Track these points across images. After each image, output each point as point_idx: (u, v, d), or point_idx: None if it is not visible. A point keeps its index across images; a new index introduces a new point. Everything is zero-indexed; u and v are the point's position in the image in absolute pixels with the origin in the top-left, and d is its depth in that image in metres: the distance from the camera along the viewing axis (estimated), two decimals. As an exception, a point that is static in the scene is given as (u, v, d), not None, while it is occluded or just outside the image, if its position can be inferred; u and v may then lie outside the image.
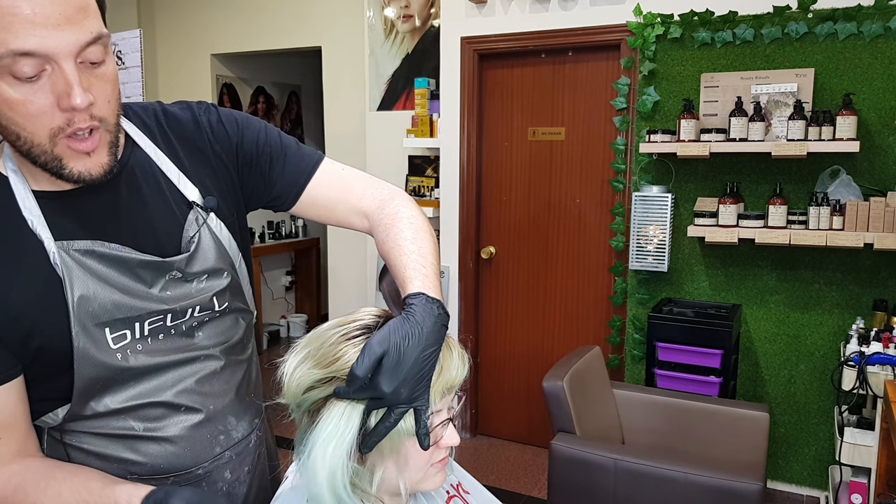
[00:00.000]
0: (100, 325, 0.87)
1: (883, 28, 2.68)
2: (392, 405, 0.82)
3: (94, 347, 0.87)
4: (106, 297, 0.87)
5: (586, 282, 3.45)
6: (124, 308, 0.88)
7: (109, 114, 0.83)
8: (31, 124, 0.78)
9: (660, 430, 2.57)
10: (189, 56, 4.78)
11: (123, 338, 0.89)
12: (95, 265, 0.87)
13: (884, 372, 2.32)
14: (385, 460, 0.90)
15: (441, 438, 0.92)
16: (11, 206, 0.84)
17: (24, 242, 0.84)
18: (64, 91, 0.76)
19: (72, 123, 0.79)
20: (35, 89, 0.76)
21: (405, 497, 0.94)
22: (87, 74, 0.79)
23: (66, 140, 0.80)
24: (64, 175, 0.82)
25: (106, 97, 0.82)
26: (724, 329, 2.74)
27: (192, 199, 0.96)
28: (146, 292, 0.91)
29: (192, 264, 0.95)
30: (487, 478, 3.29)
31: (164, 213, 0.94)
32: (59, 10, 0.74)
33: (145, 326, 0.91)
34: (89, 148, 0.81)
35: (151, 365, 0.92)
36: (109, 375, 0.89)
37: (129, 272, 0.89)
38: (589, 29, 3.20)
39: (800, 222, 2.73)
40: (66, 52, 0.75)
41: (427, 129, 3.66)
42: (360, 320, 0.94)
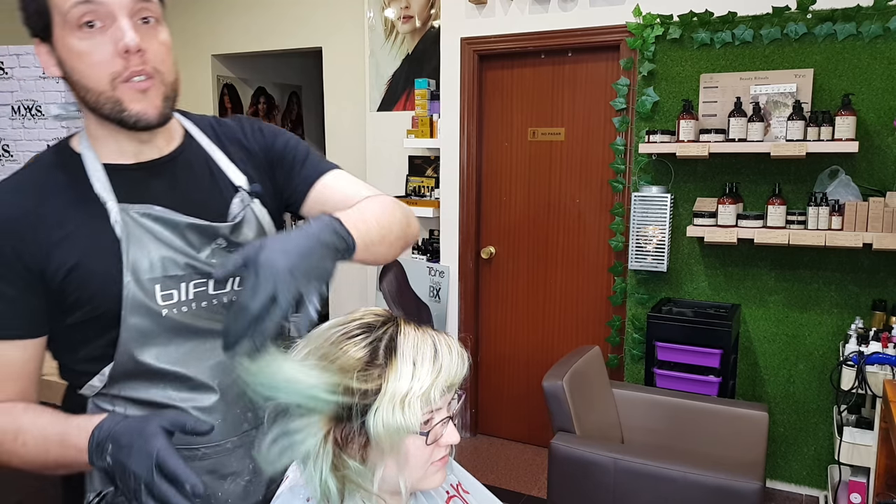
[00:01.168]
0: (150, 281, 0.96)
1: (882, 28, 2.68)
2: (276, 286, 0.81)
3: (144, 297, 0.95)
4: (157, 255, 0.96)
5: (586, 282, 3.46)
6: (172, 266, 0.97)
7: (164, 69, 0.95)
8: (95, 72, 0.90)
9: (659, 430, 2.58)
10: (190, 57, 4.78)
11: (171, 297, 0.97)
12: (150, 225, 0.97)
13: (883, 372, 2.33)
14: (385, 459, 0.90)
15: (441, 437, 0.93)
16: (82, 176, 0.97)
17: (90, 205, 0.95)
18: (119, 37, 0.89)
19: (128, 68, 0.90)
20: (97, 42, 0.89)
21: (406, 495, 0.94)
22: (141, 31, 0.91)
23: (123, 84, 0.91)
24: (124, 118, 0.93)
25: (159, 55, 0.94)
26: (724, 329, 2.74)
27: (239, 184, 1.06)
28: (194, 255, 1.00)
29: (236, 234, 1.03)
30: (487, 477, 3.30)
31: (214, 194, 1.04)
32: None
33: (190, 288, 0.99)
34: (144, 87, 0.92)
35: (193, 326, 1.00)
36: (154, 328, 0.97)
37: (179, 234, 0.99)
38: (588, 30, 3.20)
39: (799, 222, 2.74)
40: (120, 6, 0.88)
41: (427, 130, 3.67)
42: (361, 319, 0.95)
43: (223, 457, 1.04)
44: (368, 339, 0.91)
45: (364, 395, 0.87)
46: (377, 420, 0.87)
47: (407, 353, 0.90)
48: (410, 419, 0.87)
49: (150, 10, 0.93)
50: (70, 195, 0.96)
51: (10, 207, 0.94)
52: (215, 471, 1.04)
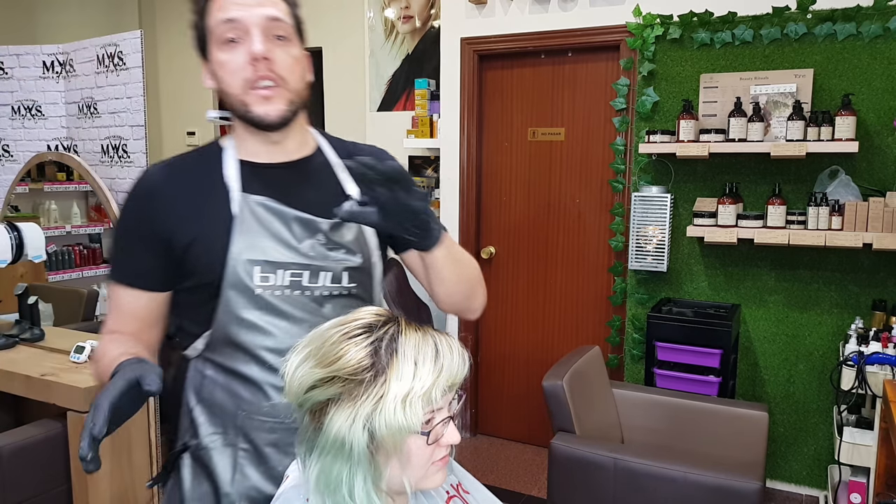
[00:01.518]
0: (251, 262, 1.09)
1: (882, 28, 2.68)
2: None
3: (244, 275, 1.09)
4: (262, 241, 1.10)
5: (586, 282, 3.46)
6: (274, 253, 1.10)
7: (291, 79, 1.10)
8: (232, 78, 1.08)
9: (659, 430, 2.58)
10: (190, 57, 4.75)
11: (267, 280, 1.10)
12: (263, 213, 1.11)
13: (883, 371, 2.33)
14: (390, 459, 0.91)
15: (442, 437, 0.93)
16: (218, 166, 1.14)
17: (219, 189, 1.12)
18: (250, 46, 1.06)
19: (256, 72, 1.07)
20: (235, 53, 1.07)
21: (410, 494, 0.95)
22: (271, 44, 1.08)
23: (252, 90, 1.08)
24: (249, 117, 1.10)
25: (286, 65, 1.09)
26: (724, 329, 2.74)
27: (349, 193, 1.19)
28: (295, 246, 1.12)
29: (335, 233, 1.15)
30: (487, 477, 3.30)
31: (328, 199, 1.15)
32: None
33: (286, 276, 1.11)
34: (268, 95, 1.08)
35: (282, 309, 1.11)
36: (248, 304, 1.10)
37: (286, 225, 1.12)
38: (588, 30, 3.20)
39: (799, 222, 2.74)
40: (254, 22, 1.06)
41: (427, 130, 3.67)
42: (361, 319, 0.95)
43: (288, 434, 1.11)
44: (369, 340, 0.91)
45: (368, 397, 0.88)
46: (380, 421, 0.87)
47: (408, 353, 0.90)
48: (412, 419, 0.87)
49: (283, 28, 1.09)
50: (205, 180, 1.13)
51: (156, 180, 1.13)
52: (278, 445, 1.13)
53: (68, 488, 2.16)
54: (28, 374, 2.19)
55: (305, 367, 0.92)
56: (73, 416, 2.10)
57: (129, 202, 1.15)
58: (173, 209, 1.11)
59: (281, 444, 1.13)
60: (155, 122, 5.07)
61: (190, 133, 4.89)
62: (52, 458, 2.15)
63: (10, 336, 2.50)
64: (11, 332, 2.54)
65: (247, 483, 1.13)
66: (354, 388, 0.89)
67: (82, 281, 4.05)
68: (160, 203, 1.11)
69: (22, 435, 2.13)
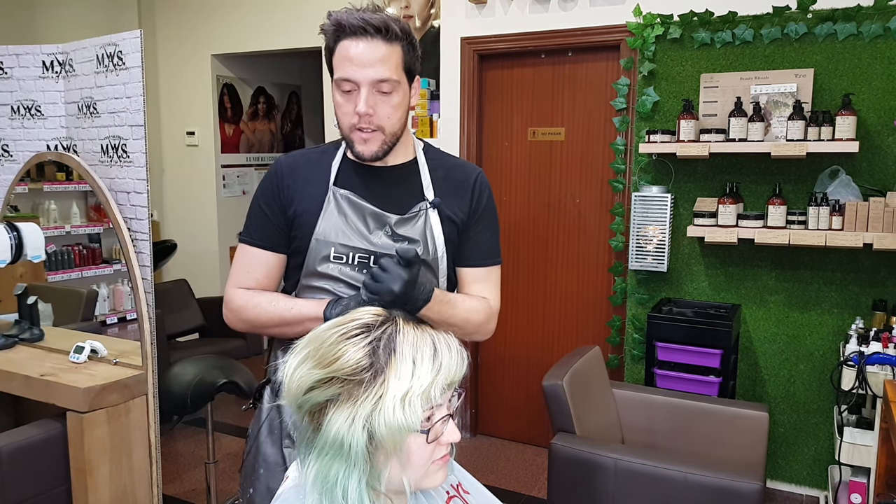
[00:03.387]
0: (329, 243, 1.35)
1: (882, 28, 2.68)
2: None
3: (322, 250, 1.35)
4: (340, 226, 1.36)
5: (586, 282, 3.45)
6: (347, 238, 1.35)
7: (388, 126, 1.33)
8: (343, 118, 1.34)
9: (659, 430, 2.58)
10: (189, 56, 4.78)
11: (340, 259, 1.36)
12: (345, 206, 1.37)
13: (883, 372, 2.32)
14: (390, 459, 0.90)
15: (442, 435, 0.92)
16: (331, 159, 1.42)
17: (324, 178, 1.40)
18: (358, 102, 1.29)
19: (359, 123, 1.31)
20: (348, 100, 1.31)
21: (409, 493, 0.94)
22: (376, 97, 1.30)
23: (356, 132, 1.33)
24: (352, 150, 1.36)
25: (387, 115, 1.32)
26: (724, 329, 2.74)
27: (426, 195, 1.41)
28: (366, 235, 1.36)
29: (400, 226, 1.37)
30: (487, 477, 3.30)
31: (407, 199, 1.40)
32: (368, 59, 1.28)
33: (356, 258, 1.35)
34: (366, 138, 1.33)
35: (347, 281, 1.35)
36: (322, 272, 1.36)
37: (360, 217, 1.37)
38: (589, 29, 3.20)
39: (799, 222, 2.74)
40: (364, 80, 1.28)
41: (427, 130, 3.66)
42: (359, 319, 0.94)
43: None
44: (367, 340, 0.91)
45: (367, 397, 0.88)
46: (379, 420, 0.87)
47: (406, 351, 0.90)
48: (411, 418, 0.87)
49: (388, 85, 1.29)
50: (319, 168, 1.41)
51: (286, 163, 1.42)
52: None
53: (68, 488, 2.16)
54: (27, 375, 2.19)
55: (304, 369, 0.92)
56: (72, 416, 2.10)
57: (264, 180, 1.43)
58: (290, 186, 1.39)
59: None
60: (154, 122, 5.06)
61: (189, 133, 4.88)
62: (51, 458, 2.14)
63: (9, 336, 2.49)
64: (11, 332, 2.54)
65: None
66: (353, 388, 0.89)
67: (82, 281, 4.05)
68: (283, 179, 1.40)
69: (21, 435, 2.12)
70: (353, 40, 1.29)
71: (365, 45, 1.28)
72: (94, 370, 2.23)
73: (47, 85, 3.92)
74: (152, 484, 2.29)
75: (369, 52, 1.28)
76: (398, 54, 1.31)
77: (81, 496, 2.11)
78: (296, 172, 1.41)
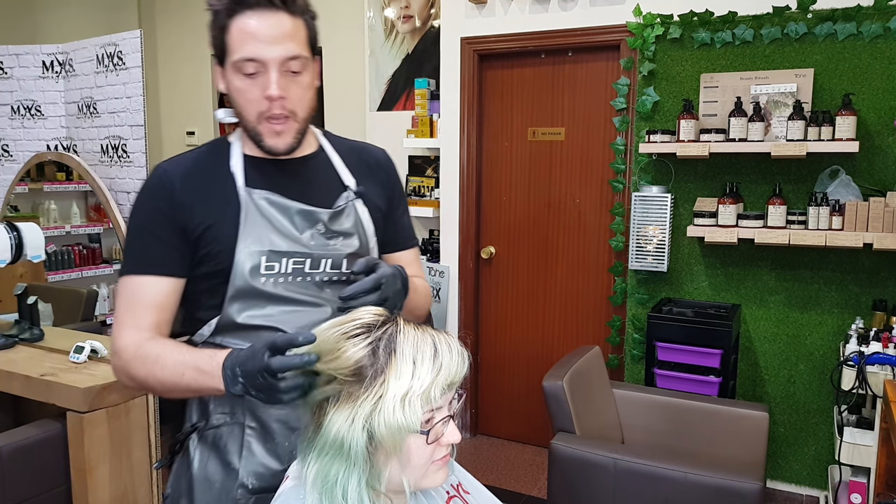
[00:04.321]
0: (258, 253, 1.16)
1: (882, 28, 2.68)
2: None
3: (251, 264, 1.16)
4: (267, 232, 1.18)
5: (586, 282, 3.45)
6: (278, 243, 1.18)
7: (300, 109, 1.18)
8: (247, 106, 1.16)
9: (659, 430, 2.58)
10: (189, 56, 4.78)
11: (272, 269, 1.18)
12: (267, 207, 1.19)
13: (883, 372, 2.32)
14: (390, 459, 0.90)
15: (442, 436, 0.92)
16: (226, 160, 1.22)
17: (227, 184, 1.20)
18: (267, 86, 1.13)
19: (270, 109, 1.14)
20: (252, 83, 1.14)
21: (409, 494, 0.94)
22: (286, 78, 1.14)
23: (265, 122, 1.16)
24: (261, 145, 1.19)
25: (299, 97, 1.17)
26: (724, 329, 2.74)
27: (347, 184, 1.29)
28: (297, 237, 1.20)
29: (333, 222, 1.23)
30: (487, 477, 3.30)
31: (327, 188, 1.27)
32: (274, 34, 1.12)
33: (289, 264, 1.19)
34: (279, 129, 1.17)
35: (287, 296, 1.19)
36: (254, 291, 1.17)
37: (288, 217, 1.20)
38: (589, 29, 3.20)
39: (799, 222, 2.74)
40: (272, 60, 1.12)
41: (427, 130, 3.66)
42: (360, 319, 0.95)
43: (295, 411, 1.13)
44: (368, 340, 0.91)
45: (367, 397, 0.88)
46: (379, 420, 0.87)
47: (407, 352, 0.90)
48: (411, 418, 0.87)
49: (298, 63, 1.15)
50: (216, 172, 1.21)
51: (169, 174, 1.20)
52: (285, 421, 1.18)
53: (68, 488, 2.16)
54: (27, 374, 2.19)
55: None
56: (72, 416, 2.10)
57: (144, 196, 1.21)
58: (187, 198, 1.18)
59: (288, 421, 1.17)
60: (154, 122, 5.06)
61: (189, 133, 4.88)
62: (51, 458, 2.14)
63: (9, 336, 2.49)
64: (11, 332, 2.53)
65: (254, 460, 1.17)
66: (353, 387, 0.89)
67: (82, 281, 4.05)
68: (174, 193, 1.18)
69: (21, 435, 2.12)
70: (254, 14, 1.12)
71: (270, 19, 1.12)
72: (94, 370, 2.23)
73: (47, 85, 3.92)
74: (152, 484, 2.29)
75: (276, 26, 1.13)
76: (303, 28, 1.19)
77: (81, 496, 2.11)
78: (189, 183, 1.19)
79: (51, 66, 3.91)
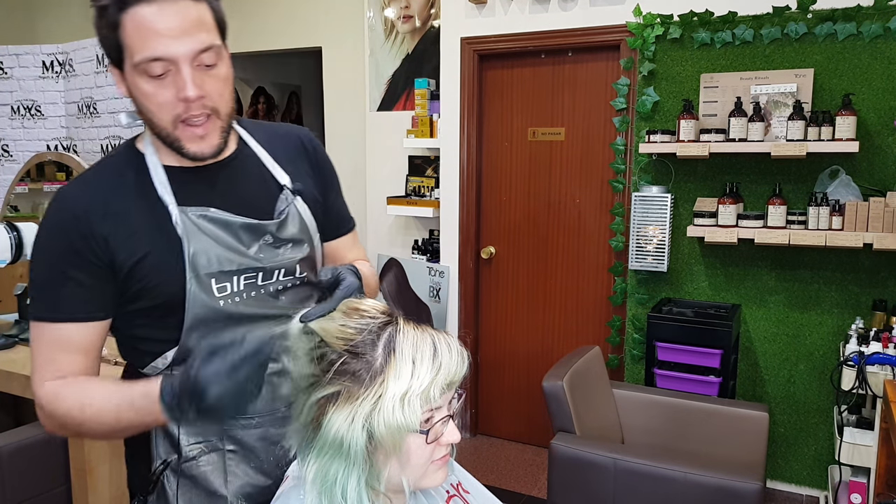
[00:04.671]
0: (208, 276, 1.06)
1: (882, 28, 2.68)
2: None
3: (203, 293, 1.06)
4: (213, 253, 1.07)
5: (586, 282, 3.45)
6: (226, 263, 1.08)
7: (221, 105, 1.05)
8: (160, 111, 1.00)
9: (659, 430, 2.58)
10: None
11: (225, 289, 1.08)
12: (207, 226, 1.07)
13: (883, 372, 2.32)
14: (389, 459, 0.90)
15: (441, 435, 0.92)
16: (146, 176, 1.07)
17: (154, 203, 1.05)
18: (181, 86, 0.98)
19: (188, 111, 1.00)
20: (162, 85, 0.98)
21: (408, 493, 0.94)
22: (201, 74, 1.00)
23: (183, 126, 1.01)
24: (182, 153, 1.04)
25: (218, 92, 1.03)
26: (724, 329, 2.74)
27: (283, 183, 1.18)
28: (244, 252, 1.10)
29: (281, 231, 1.15)
30: (487, 477, 3.30)
31: (263, 192, 1.16)
32: (180, 25, 0.96)
33: (241, 281, 1.10)
34: (202, 133, 1.03)
35: (245, 314, 1.10)
36: (212, 317, 1.07)
37: (232, 234, 1.09)
38: (588, 29, 3.20)
39: (799, 222, 2.74)
40: (183, 56, 0.97)
41: (427, 130, 3.66)
42: (360, 306, 0.95)
43: (275, 425, 1.13)
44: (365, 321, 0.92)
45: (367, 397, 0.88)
46: (379, 420, 0.87)
47: (406, 351, 0.90)
48: (410, 418, 0.87)
49: (212, 54, 1.01)
50: (136, 193, 1.06)
51: (81, 202, 1.03)
52: (266, 438, 1.13)
53: (68, 488, 2.16)
54: (27, 375, 2.19)
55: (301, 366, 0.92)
56: (72, 416, 2.10)
57: (50, 230, 1.03)
58: (106, 230, 1.02)
59: (268, 436, 1.13)
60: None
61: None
62: (51, 459, 2.14)
63: (9, 336, 2.49)
64: (11, 332, 2.54)
65: (239, 482, 1.12)
66: (353, 386, 0.89)
67: (82, 281, 4.05)
68: (90, 225, 1.02)
69: (21, 435, 2.12)
70: (150, 4, 0.95)
71: (170, 8, 0.96)
72: (94, 370, 2.22)
73: (47, 85, 3.92)
74: (152, 484, 2.28)
75: (180, 15, 0.96)
76: (208, 12, 1.02)
77: (81, 496, 2.11)
78: (106, 210, 1.03)
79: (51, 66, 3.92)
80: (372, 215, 4.00)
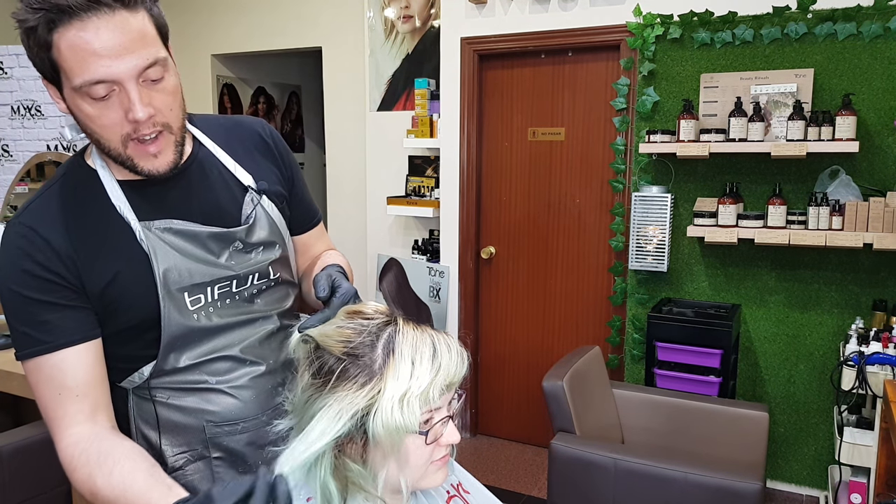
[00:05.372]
0: (180, 291, 1.04)
1: (882, 28, 2.68)
2: None
3: (177, 310, 1.03)
4: (184, 267, 1.04)
5: (586, 282, 3.45)
6: (198, 275, 1.05)
7: (172, 120, 1.00)
8: (106, 133, 0.95)
9: (659, 430, 2.58)
10: (189, 56, 4.78)
11: (199, 301, 1.06)
12: (174, 240, 1.04)
13: (883, 372, 2.32)
14: (387, 460, 0.90)
15: (441, 436, 0.92)
16: (101, 194, 1.02)
17: (114, 223, 1.02)
18: (129, 107, 0.93)
19: (138, 131, 0.95)
20: (107, 106, 0.93)
21: (406, 494, 0.94)
22: (148, 90, 0.95)
23: (134, 144, 0.96)
24: (137, 171, 1.00)
25: (168, 106, 0.98)
26: (724, 329, 2.74)
27: (247, 184, 1.14)
28: (215, 261, 1.07)
29: (250, 235, 1.12)
30: (487, 477, 3.30)
31: (227, 196, 1.12)
32: (120, 42, 0.90)
33: (215, 291, 1.07)
34: (155, 150, 0.98)
35: (221, 325, 1.09)
36: (188, 333, 1.05)
37: (200, 244, 1.06)
38: (589, 29, 3.20)
39: (799, 222, 2.74)
40: (128, 76, 0.91)
41: (427, 130, 3.66)
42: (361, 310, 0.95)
43: (261, 429, 1.12)
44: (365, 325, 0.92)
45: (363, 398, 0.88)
46: (376, 420, 0.86)
47: (405, 352, 0.90)
48: (409, 419, 0.87)
49: (158, 68, 0.95)
50: (95, 213, 1.02)
51: (40, 231, 0.98)
52: (254, 442, 1.12)
53: (68, 488, 2.16)
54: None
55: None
56: (72, 416, 2.09)
57: (12, 265, 0.97)
58: (74, 253, 0.98)
59: (256, 441, 1.12)
60: (155, 121, 5.05)
61: (190, 133, 4.88)
62: (51, 459, 2.14)
63: (9, 336, 2.49)
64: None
65: None
66: (352, 388, 0.89)
67: (82, 281, 4.05)
68: (57, 252, 0.97)
69: (21, 435, 2.12)
70: (84, 23, 0.87)
71: (107, 24, 0.88)
72: (94, 370, 2.22)
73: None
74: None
75: (118, 31, 0.89)
76: (149, 21, 0.94)
77: (81, 496, 2.11)
78: (68, 235, 0.99)
79: (51, 66, 3.92)
80: (372, 215, 4.00)
